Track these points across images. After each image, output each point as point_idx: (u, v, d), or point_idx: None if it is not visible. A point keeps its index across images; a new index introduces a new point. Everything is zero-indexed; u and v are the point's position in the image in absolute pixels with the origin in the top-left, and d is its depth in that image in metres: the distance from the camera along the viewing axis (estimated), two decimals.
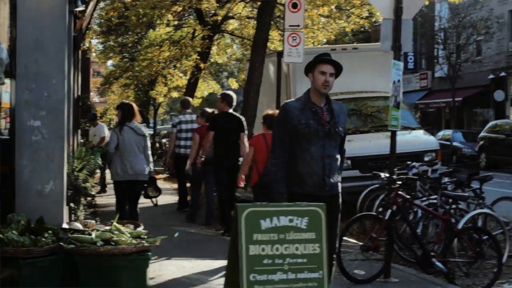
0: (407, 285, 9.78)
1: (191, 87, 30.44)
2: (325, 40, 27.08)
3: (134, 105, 12.91)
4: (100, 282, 8.17)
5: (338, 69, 7.25)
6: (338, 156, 7.32)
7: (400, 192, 10.28)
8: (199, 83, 32.56)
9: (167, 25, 30.63)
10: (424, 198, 12.07)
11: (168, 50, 30.41)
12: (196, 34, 29.59)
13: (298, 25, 13.92)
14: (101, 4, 27.22)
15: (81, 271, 8.19)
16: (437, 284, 9.92)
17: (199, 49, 28.24)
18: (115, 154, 12.31)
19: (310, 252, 6.34)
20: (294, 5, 13.71)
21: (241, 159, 13.35)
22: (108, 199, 18.27)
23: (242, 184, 13.14)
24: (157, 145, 42.96)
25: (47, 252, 8.13)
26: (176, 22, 30.64)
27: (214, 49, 31.02)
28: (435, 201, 11.51)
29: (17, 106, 9.73)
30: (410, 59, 55.89)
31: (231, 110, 13.79)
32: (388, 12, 9.77)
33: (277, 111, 11.24)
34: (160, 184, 22.77)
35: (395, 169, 10.63)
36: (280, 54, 15.71)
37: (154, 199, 15.26)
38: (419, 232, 11.08)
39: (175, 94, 37.24)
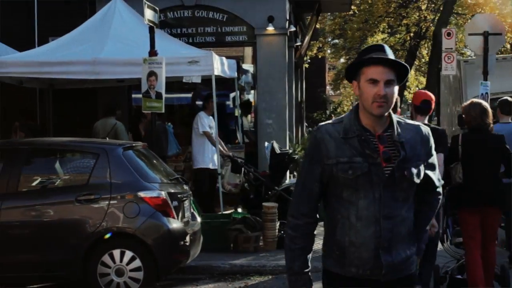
0: None
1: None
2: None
3: None
4: None
5: (401, 72, 3.98)
6: (409, 215, 4.08)
7: None
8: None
9: (382, 32, 35.89)
10: None
11: None
12: (407, 40, 35.36)
13: (451, 48, 18.96)
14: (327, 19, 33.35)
15: None
16: None
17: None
18: None
19: None
20: (448, 34, 18.85)
21: None
22: None
23: None
24: None
25: None
26: (389, 30, 36.19)
27: (423, 52, 36.60)
28: None
29: (258, 111, 16.25)
30: None
31: None
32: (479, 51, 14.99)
33: None
34: None
35: None
36: (440, 69, 20.45)
37: None
38: None
39: None
